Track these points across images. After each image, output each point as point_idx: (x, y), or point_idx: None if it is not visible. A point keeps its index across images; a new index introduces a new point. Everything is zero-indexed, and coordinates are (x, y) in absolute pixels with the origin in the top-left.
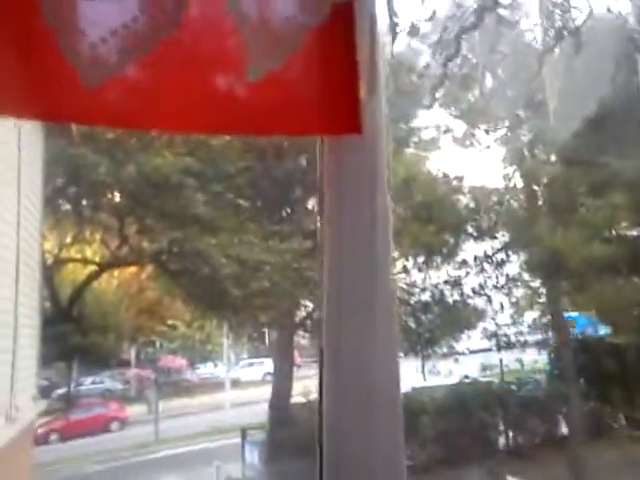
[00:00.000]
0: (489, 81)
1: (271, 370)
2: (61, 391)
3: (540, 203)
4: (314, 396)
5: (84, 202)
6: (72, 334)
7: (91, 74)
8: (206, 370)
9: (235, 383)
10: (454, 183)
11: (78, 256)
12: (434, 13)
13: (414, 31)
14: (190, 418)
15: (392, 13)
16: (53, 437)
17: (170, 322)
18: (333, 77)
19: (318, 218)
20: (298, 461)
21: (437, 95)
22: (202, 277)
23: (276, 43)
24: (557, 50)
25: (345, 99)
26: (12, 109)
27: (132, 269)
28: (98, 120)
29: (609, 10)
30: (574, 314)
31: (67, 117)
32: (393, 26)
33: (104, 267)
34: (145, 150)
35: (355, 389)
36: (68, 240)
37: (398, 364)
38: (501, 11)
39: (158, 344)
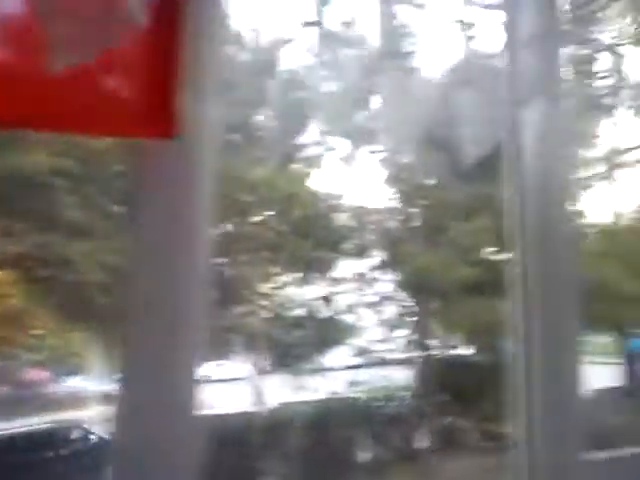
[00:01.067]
0: (377, 103)
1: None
2: None
3: (415, 225)
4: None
5: None
6: None
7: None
8: (73, 383)
9: (105, 398)
10: (334, 201)
11: None
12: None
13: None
14: None
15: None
16: None
17: (35, 332)
18: (149, 81)
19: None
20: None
21: (325, 112)
22: (68, 284)
23: (84, 38)
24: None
25: (159, 104)
26: None
27: None
28: None
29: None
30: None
31: None
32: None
33: None
34: (11, 146)
35: (147, 409)
36: None
37: (195, 385)
38: (403, 57)
39: (21, 357)
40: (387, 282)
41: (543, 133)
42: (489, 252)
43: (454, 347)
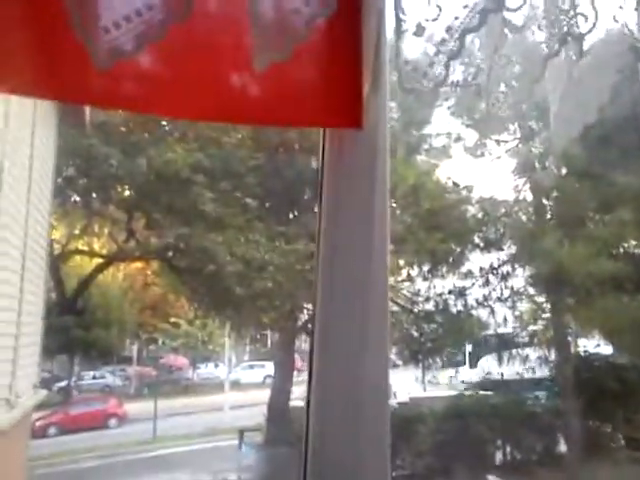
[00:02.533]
0: (501, 90)
1: (272, 373)
2: (61, 384)
3: (548, 216)
4: None
5: (93, 194)
6: (75, 327)
7: (102, 57)
8: (207, 370)
9: (235, 384)
10: (463, 193)
11: (85, 248)
12: (440, 12)
13: (420, 31)
14: (189, 418)
15: (399, 11)
16: (52, 430)
17: (173, 320)
18: (337, 71)
19: (317, 214)
20: (294, 465)
21: (446, 101)
22: (207, 275)
23: (282, 36)
24: (561, 56)
25: (348, 93)
26: (25, 88)
27: (138, 264)
28: (107, 103)
29: (615, 19)
30: None
31: (76, 98)
32: (399, 25)
33: (110, 261)
34: (156, 144)
35: (342, 393)
36: (76, 232)
37: (387, 370)
38: (506, 14)
39: (160, 342)
40: (520, 277)
41: None
42: (632, 245)
43: (596, 346)
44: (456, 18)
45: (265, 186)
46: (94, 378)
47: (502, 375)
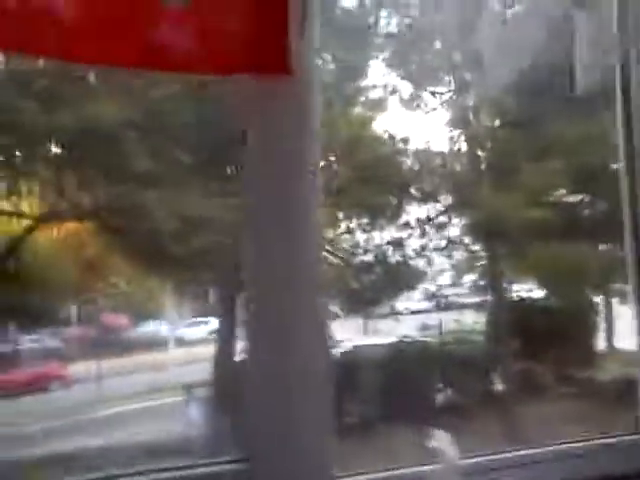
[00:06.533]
0: (437, 42)
1: (215, 329)
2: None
3: (483, 167)
4: None
5: (17, 152)
6: (9, 291)
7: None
8: (149, 328)
9: (179, 341)
10: (399, 145)
11: (12, 209)
12: None
13: None
14: (133, 377)
15: None
16: None
17: (111, 280)
18: (264, 17)
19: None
20: (241, 417)
21: (381, 53)
22: (142, 234)
23: None
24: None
25: (275, 38)
26: None
27: (71, 225)
28: (23, 47)
29: None
30: None
31: None
32: None
33: (41, 221)
34: (82, 99)
35: (279, 351)
36: (1, 192)
37: (325, 326)
38: None
39: (99, 302)
40: (455, 226)
41: None
42: (561, 194)
43: (529, 291)
44: None
45: (200, 141)
46: (32, 342)
47: (441, 322)
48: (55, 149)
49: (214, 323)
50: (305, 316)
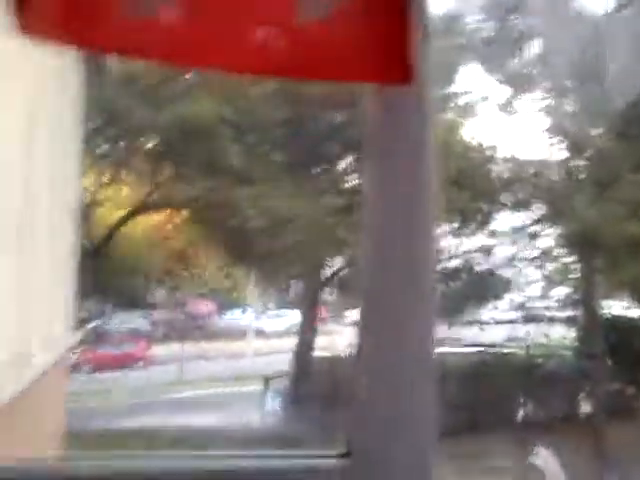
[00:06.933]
0: (538, 47)
1: (296, 322)
2: (92, 325)
3: (581, 177)
4: (337, 352)
5: (120, 144)
6: (105, 272)
7: (131, 7)
8: (232, 317)
9: (260, 332)
10: (491, 151)
11: (114, 197)
12: None
13: None
14: (214, 362)
15: None
16: (84, 368)
17: (199, 269)
18: (385, 22)
19: (358, 174)
20: (317, 411)
21: (482, 58)
22: (232, 228)
23: None
24: (619, 15)
25: (397, 46)
26: (49, 32)
27: (164, 214)
28: (134, 51)
29: None
30: None
31: (101, 45)
32: None
33: (136, 210)
34: (182, 96)
35: (390, 350)
36: (105, 180)
37: (434, 327)
38: None
39: (186, 289)
40: (549, 237)
41: None
42: None
43: (625, 308)
44: None
45: (291, 140)
46: (123, 322)
47: (528, 334)
48: (155, 143)
49: (295, 316)
50: (416, 315)
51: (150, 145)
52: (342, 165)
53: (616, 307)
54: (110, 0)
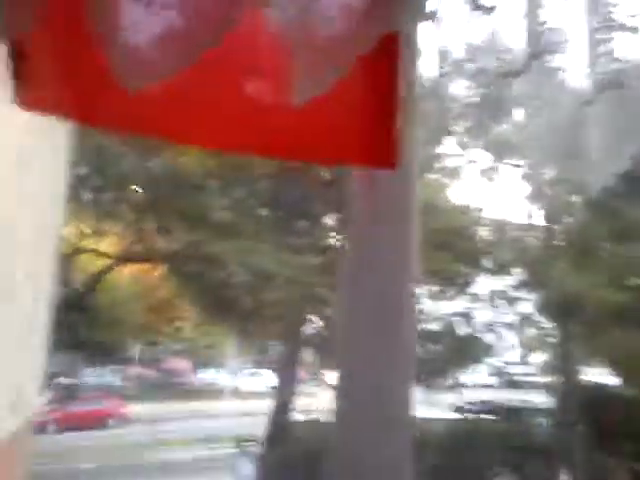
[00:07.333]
0: (520, 115)
1: (273, 382)
2: (63, 381)
3: (559, 243)
4: (314, 415)
5: (106, 194)
6: (81, 325)
7: (131, 79)
8: (208, 375)
9: (235, 392)
10: (474, 214)
11: (95, 247)
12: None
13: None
14: (188, 423)
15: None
16: (50, 427)
17: (177, 324)
18: (374, 108)
19: (338, 235)
20: (292, 477)
21: (465, 123)
22: (214, 282)
23: (325, 67)
24: (601, 96)
25: (384, 131)
26: (47, 106)
27: (145, 267)
28: (132, 127)
29: None
30: None
31: (100, 121)
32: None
33: (118, 261)
34: (171, 148)
35: (367, 413)
36: (88, 230)
37: (412, 392)
38: (547, 58)
39: (163, 344)
40: (528, 302)
41: None
42: None
43: (602, 376)
44: (499, 53)
45: (277, 196)
46: (95, 376)
47: (506, 401)
48: (139, 194)
49: (272, 377)
50: (395, 379)
51: (136, 196)
52: (326, 221)
53: (594, 374)
54: (111, 78)
